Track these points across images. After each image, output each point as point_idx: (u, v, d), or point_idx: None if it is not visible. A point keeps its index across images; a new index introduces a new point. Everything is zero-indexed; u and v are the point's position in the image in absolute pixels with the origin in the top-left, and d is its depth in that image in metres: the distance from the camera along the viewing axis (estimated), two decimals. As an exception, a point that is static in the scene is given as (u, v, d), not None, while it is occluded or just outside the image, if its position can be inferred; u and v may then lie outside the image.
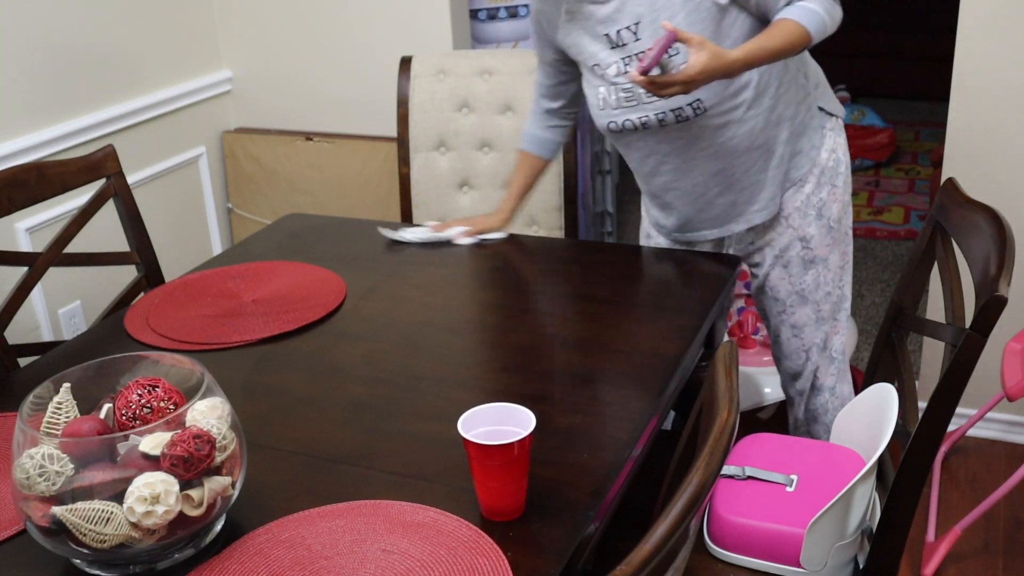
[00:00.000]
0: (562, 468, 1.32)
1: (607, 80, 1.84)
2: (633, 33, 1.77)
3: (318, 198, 3.11)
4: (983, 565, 2.28)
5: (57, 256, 1.94)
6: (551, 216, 2.47)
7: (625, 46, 1.79)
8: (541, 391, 1.52)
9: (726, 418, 1.05)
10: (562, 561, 1.16)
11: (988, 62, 2.37)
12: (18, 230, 2.49)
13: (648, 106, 1.81)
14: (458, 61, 2.51)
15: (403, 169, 2.53)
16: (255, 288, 1.92)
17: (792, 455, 1.69)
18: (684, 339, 1.66)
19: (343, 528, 1.22)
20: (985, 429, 2.73)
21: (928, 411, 1.43)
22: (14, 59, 2.45)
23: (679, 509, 0.93)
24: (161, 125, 2.94)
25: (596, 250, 2.25)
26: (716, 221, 1.98)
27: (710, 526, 1.59)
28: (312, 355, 1.68)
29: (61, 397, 1.22)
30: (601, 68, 1.84)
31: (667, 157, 1.89)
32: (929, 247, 1.73)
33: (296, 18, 3.03)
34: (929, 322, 1.69)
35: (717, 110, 1.79)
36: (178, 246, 3.02)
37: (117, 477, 1.12)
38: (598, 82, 1.86)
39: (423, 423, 1.45)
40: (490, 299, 1.87)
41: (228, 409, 1.22)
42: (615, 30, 1.78)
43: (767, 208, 1.94)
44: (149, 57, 2.87)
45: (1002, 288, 1.36)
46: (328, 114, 3.11)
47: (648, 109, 1.81)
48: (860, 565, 1.56)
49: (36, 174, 1.92)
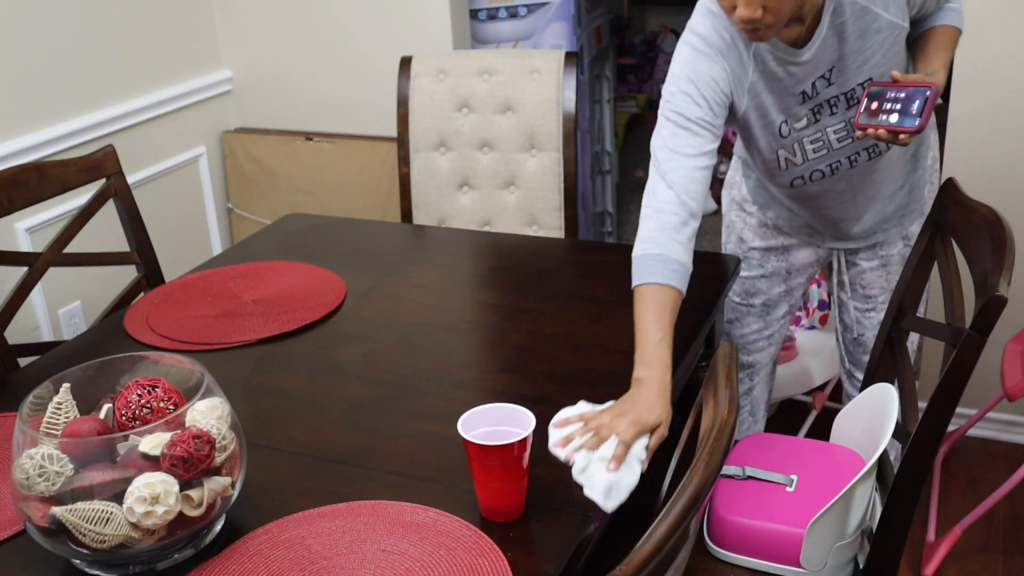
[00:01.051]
0: (562, 468, 1.32)
1: (793, 137, 1.70)
2: (827, 80, 1.63)
3: (318, 198, 3.11)
4: (983, 565, 2.28)
5: (57, 256, 1.93)
6: (551, 216, 2.47)
7: (817, 95, 1.65)
8: (541, 391, 1.52)
9: (726, 418, 1.05)
10: (562, 561, 1.16)
11: (988, 62, 2.37)
12: (18, 230, 2.49)
13: (839, 151, 1.71)
14: (458, 61, 2.51)
15: (403, 169, 2.53)
16: (255, 288, 1.92)
17: (792, 455, 1.69)
18: (684, 339, 1.66)
19: (343, 528, 1.22)
20: (985, 429, 2.73)
21: (928, 411, 1.43)
22: (14, 59, 2.45)
23: (679, 509, 0.93)
24: (161, 125, 2.94)
25: (596, 250, 2.25)
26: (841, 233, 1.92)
27: (710, 526, 1.59)
28: (312, 355, 1.68)
29: (61, 397, 1.22)
30: (789, 124, 1.68)
31: (838, 193, 1.81)
32: (929, 247, 1.73)
33: (296, 18, 3.03)
34: (929, 322, 1.69)
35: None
36: (178, 246, 3.02)
37: (117, 477, 1.12)
38: (777, 144, 1.71)
39: (423, 423, 1.45)
40: (490, 299, 1.87)
41: (228, 409, 1.22)
42: (810, 83, 1.63)
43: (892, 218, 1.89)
44: (149, 57, 2.87)
45: (1002, 288, 1.36)
46: (328, 114, 3.11)
47: (839, 154, 1.72)
48: (860, 565, 1.56)
49: (36, 174, 1.92)
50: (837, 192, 1.81)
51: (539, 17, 3.20)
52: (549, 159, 2.45)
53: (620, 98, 5.61)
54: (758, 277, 2.02)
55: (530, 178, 2.47)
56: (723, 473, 1.64)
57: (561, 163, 2.44)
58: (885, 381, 1.67)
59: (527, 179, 2.47)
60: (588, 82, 3.66)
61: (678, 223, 1.52)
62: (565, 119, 2.42)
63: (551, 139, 2.43)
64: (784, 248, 2.00)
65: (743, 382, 2.16)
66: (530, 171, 2.46)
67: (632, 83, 6.07)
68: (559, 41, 3.23)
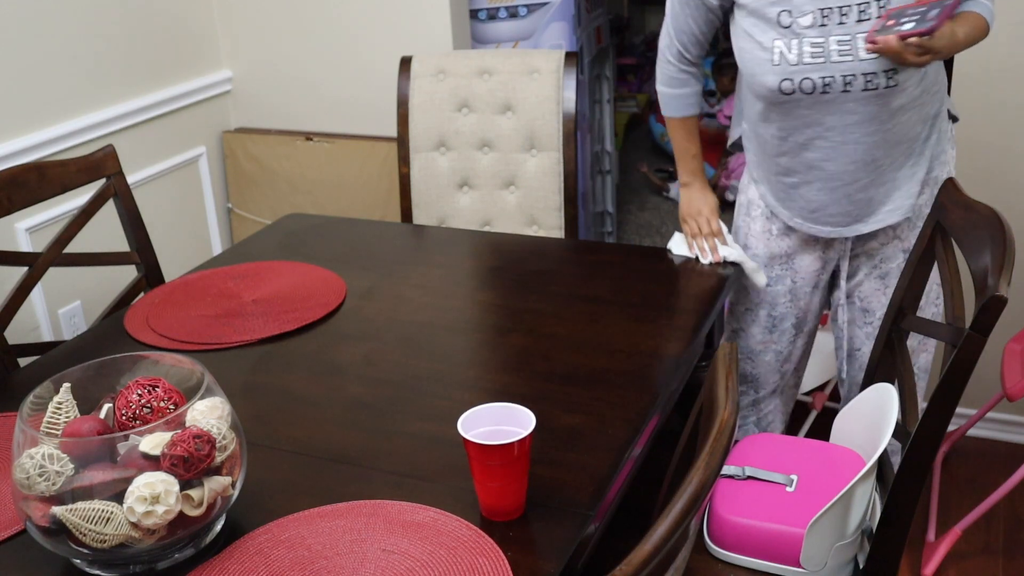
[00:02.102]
0: (562, 468, 1.32)
1: (793, 32, 1.66)
2: None
3: (318, 198, 3.11)
4: (983, 565, 2.28)
5: (57, 256, 1.94)
6: (551, 216, 2.47)
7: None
8: (541, 391, 1.52)
9: (726, 418, 1.05)
10: (562, 561, 1.16)
11: (988, 62, 2.37)
12: (18, 230, 2.49)
13: (837, 66, 1.64)
14: (458, 61, 2.51)
15: (403, 169, 2.53)
16: (255, 288, 1.92)
17: (792, 455, 1.69)
18: (684, 339, 1.66)
19: (343, 528, 1.22)
20: (985, 429, 2.73)
21: (928, 411, 1.43)
22: (14, 59, 2.45)
23: (679, 509, 0.93)
24: (161, 125, 2.94)
25: (596, 250, 2.25)
26: (844, 218, 1.87)
27: (710, 526, 1.59)
28: (312, 355, 1.68)
29: (61, 397, 1.22)
30: (792, 16, 1.65)
31: (828, 132, 1.75)
32: (929, 247, 1.73)
33: (296, 18, 3.03)
34: (929, 322, 1.69)
35: (904, 86, 1.67)
36: (178, 246, 3.02)
37: (117, 477, 1.13)
38: (776, 35, 1.68)
39: (423, 423, 1.45)
40: (490, 299, 1.87)
41: (228, 409, 1.22)
42: None
43: (900, 209, 1.85)
44: (149, 57, 2.86)
45: (1002, 288, 1.36)
46: (328, 114, 3.11)
47: (836, 69, 1.65)
48: (860, 565, 1.56)
49: (36, 174, 1.92)
50: (824, 131, 1.75)
51: (539, 17, 3.20)
52: (549, 159, 2.45)
53: (620, 98, 5.61)
54: (763, 286, 2.02)
55: (530, 178, 2.47)
56: (723, 473, 1.64)
57: (561, 163, 2.44)
58: (885, 381, 1.67)
59: (527, 179, 2.47)
60: (588, 82, 3.66)
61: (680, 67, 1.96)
62: (565, 119, 2.42)
63: (551, 139, 2.44)
64: (787, 256, 1.99)
65: (746, 394, 2.15)
66: (530, 171, 2.47)
67: (632, 83, 6.07)
68: (559, 41, 3.23)
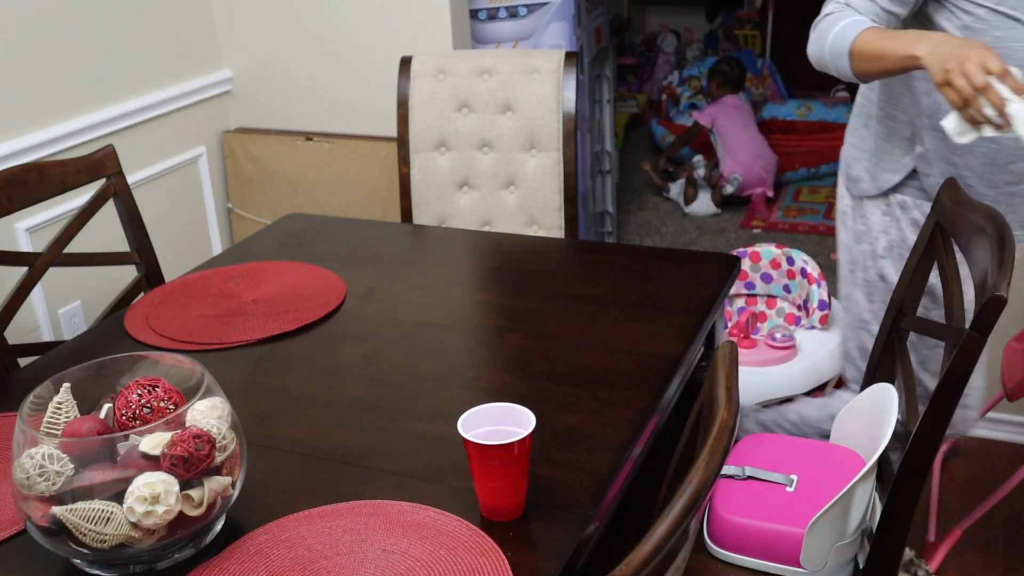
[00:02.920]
0: (562, 468, 1.32)
1: None
2: None
3: (318, 198, 3.11)
4: (983, 565, 2.28)
5: (57, 256, 1.93)
6: (551, 216, 2.47)
7: None
8: (541, 391, 1.52)
9: (726, 418, 1.05)
10: (562, 561, 1.16)
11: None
12: (18, 230, 2.49)
13: None
14: (458, 61, 2.51)
15: (403, 169, 2.53)
16: (255, 288, 1.92)
17: (792, 455, 1.69)
18: (684, 339, 1.66)
19: (343, 528, 1.22)
20: (985, 429, 2.73)
21: (928, 411, 1.43)
22: (14, 59, 2.45)
23: (679, 509, 0.93)
24: (161, 125, 2.94)
25: (596, 250, 2.25)
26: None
27: (710, 526, 1.59)
28: (312, 355, 1.68)
29: (61, 397, 1.22)
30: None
31: None
32: (929, 247, 1.73)
33: (296, 18, 3.03)
34: (929, 322, 1.69)
35: None
36: (178, 246, 3.02)
37: (117, 477, 1.12)
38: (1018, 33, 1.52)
39: (423, 423, 1.45)
40: (490, 299, 1.87)
41: (228, 409, 1.22)
42: None
43: None
44: (149, 57, 2.87)
45: (1002, 288, 1.36)
46: (328, 114, 3.11)
47: None
48: (860, 565, 1.56)
49: (36, 174, 1.92)
50: None
51: (539, 17, 3.20)
52: (549, 159, 2.45)
53: (620, 98, 5.61)
54: None
55: (530, 178, 2.47)
56: (723, 473, 1.64)
57: (561, 163, 2.44)
58: (885, 381, 1.67)
59: (527, 179, 2.47)
60: (588, 82, 3.66)
61: None
62: (565, 119, 2.42)
63: (551, 139, 2.44)
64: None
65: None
66: (530, 171, 2.47)
67: (632, 83, 6.07)
68: (559, 41, 3.23)
